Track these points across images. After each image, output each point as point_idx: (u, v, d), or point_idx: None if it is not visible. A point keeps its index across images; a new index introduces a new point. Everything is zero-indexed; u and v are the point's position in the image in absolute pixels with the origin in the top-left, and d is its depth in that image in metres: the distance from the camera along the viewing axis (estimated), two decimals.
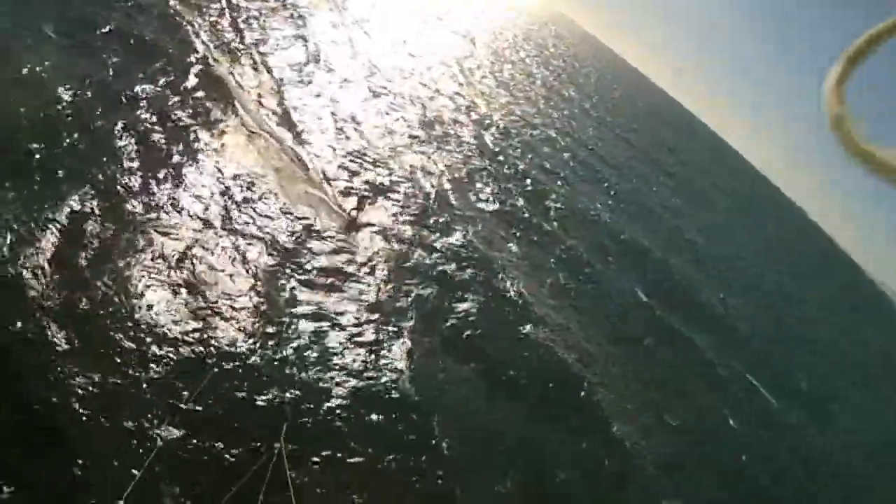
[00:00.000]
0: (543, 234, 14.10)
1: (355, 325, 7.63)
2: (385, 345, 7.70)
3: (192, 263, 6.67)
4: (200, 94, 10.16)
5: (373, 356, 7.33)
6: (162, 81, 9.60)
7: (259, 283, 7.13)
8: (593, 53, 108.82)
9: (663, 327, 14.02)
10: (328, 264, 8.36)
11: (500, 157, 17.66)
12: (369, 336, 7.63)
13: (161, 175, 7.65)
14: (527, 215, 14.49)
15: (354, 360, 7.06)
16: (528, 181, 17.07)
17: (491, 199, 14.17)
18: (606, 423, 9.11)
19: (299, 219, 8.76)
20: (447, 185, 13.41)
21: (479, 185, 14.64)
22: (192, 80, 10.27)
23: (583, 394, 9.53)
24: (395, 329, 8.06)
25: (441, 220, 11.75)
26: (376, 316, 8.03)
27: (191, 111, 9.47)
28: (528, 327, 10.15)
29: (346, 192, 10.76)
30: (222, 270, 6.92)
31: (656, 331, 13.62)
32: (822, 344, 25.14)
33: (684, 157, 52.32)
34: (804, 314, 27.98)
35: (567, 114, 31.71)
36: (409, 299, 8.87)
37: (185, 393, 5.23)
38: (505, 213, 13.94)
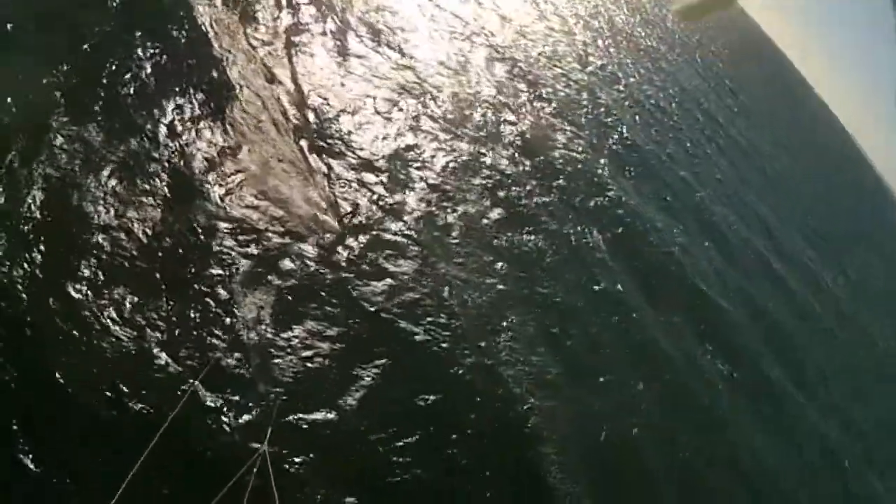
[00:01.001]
0: (487, 165, 12.35)
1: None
2: (240, 274, 6.93)
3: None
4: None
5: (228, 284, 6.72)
6: None
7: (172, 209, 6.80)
8: (734, 37, 73.64)
9: (613, 294, 12.31)
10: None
11: (489, 77, 15.69)
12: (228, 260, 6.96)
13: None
14: (474, 141, 12.69)
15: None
16: (499, 97, 15.00)
17: (431, 115, 12.44)
18: (459, 373, 7.94)
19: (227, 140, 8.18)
20: (392, 109, 11.71)
21: (441, 104, 12.95)
22: None
23: (458, 343, 8.29)
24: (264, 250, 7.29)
25: (367, 139, 10.35)
26: (249, 235, 7.29)
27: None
28: (409, 265, 8.89)
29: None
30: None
31: (601, 297, 11.97)
32: (843, 345, 22.35)
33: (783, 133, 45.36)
34: (838, 310, 24.83)
35: (619, 60, 26.92)
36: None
37: None
38: (446, 130, 12.26)
